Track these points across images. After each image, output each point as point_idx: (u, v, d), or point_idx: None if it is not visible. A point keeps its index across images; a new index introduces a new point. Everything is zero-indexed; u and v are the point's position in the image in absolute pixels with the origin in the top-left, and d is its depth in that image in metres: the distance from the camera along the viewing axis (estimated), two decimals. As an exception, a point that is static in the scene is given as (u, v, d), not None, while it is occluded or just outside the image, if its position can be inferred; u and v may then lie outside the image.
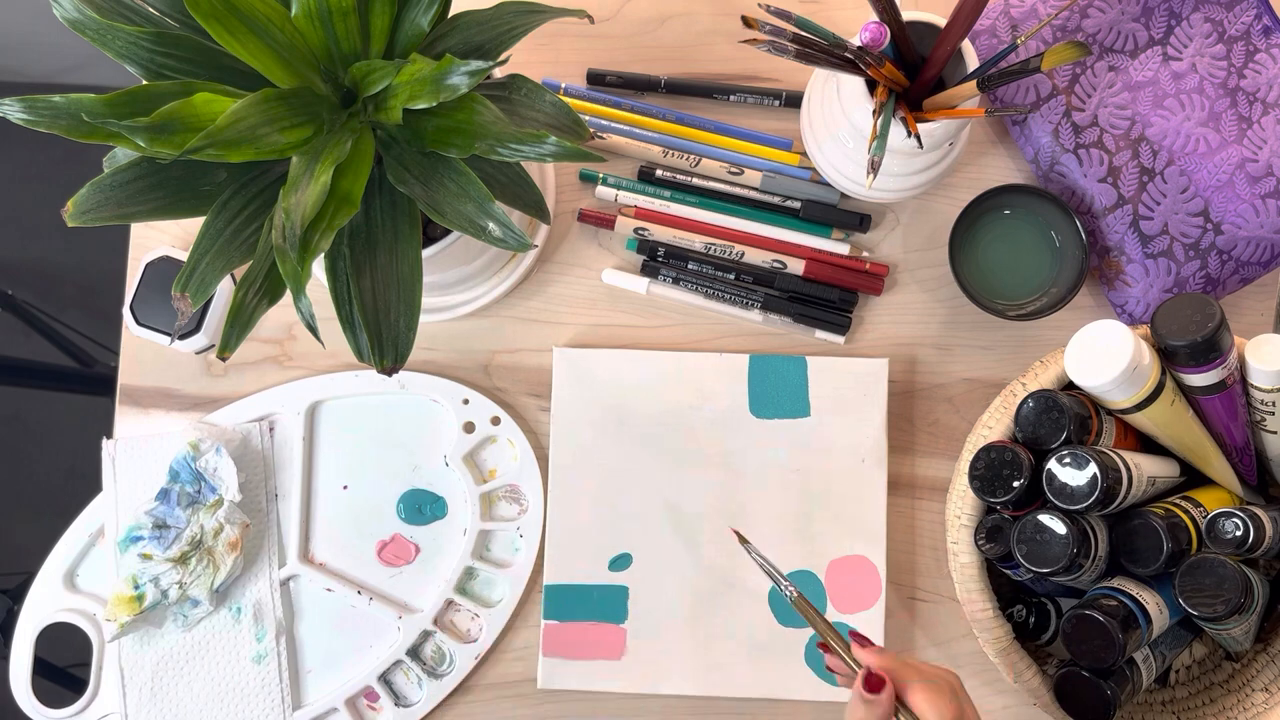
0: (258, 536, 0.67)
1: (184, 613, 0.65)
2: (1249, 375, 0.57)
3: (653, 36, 0.71)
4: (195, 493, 0.65)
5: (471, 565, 0.67)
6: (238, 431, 0.67)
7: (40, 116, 0.44)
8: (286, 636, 0.66)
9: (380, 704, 0.66)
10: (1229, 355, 0.55)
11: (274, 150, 0.44)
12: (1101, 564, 0.56)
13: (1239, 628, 0.57)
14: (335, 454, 0.68)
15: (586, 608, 0.66)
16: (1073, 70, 0.65)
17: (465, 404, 0.68)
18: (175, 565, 0.64)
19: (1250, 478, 0.62)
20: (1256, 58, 0.63)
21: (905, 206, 0.70)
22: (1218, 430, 0.59)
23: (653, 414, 0.67)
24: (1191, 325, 0.54)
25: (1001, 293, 0.67)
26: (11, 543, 1.46)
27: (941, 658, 0.67)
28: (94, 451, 0.67)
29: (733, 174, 0.69)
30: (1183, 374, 0.57)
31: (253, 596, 0.66)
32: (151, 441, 0.66)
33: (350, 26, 0.47)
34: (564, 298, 0.69)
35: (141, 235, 0.70)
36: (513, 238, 0.47)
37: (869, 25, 0.53)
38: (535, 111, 0.50)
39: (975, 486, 0.57)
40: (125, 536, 0.65)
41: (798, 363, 0.67)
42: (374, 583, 0.67)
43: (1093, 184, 0.65)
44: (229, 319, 0.46)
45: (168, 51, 0.46)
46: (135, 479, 0.66)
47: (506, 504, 0.68)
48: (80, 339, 1.41)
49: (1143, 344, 0.54)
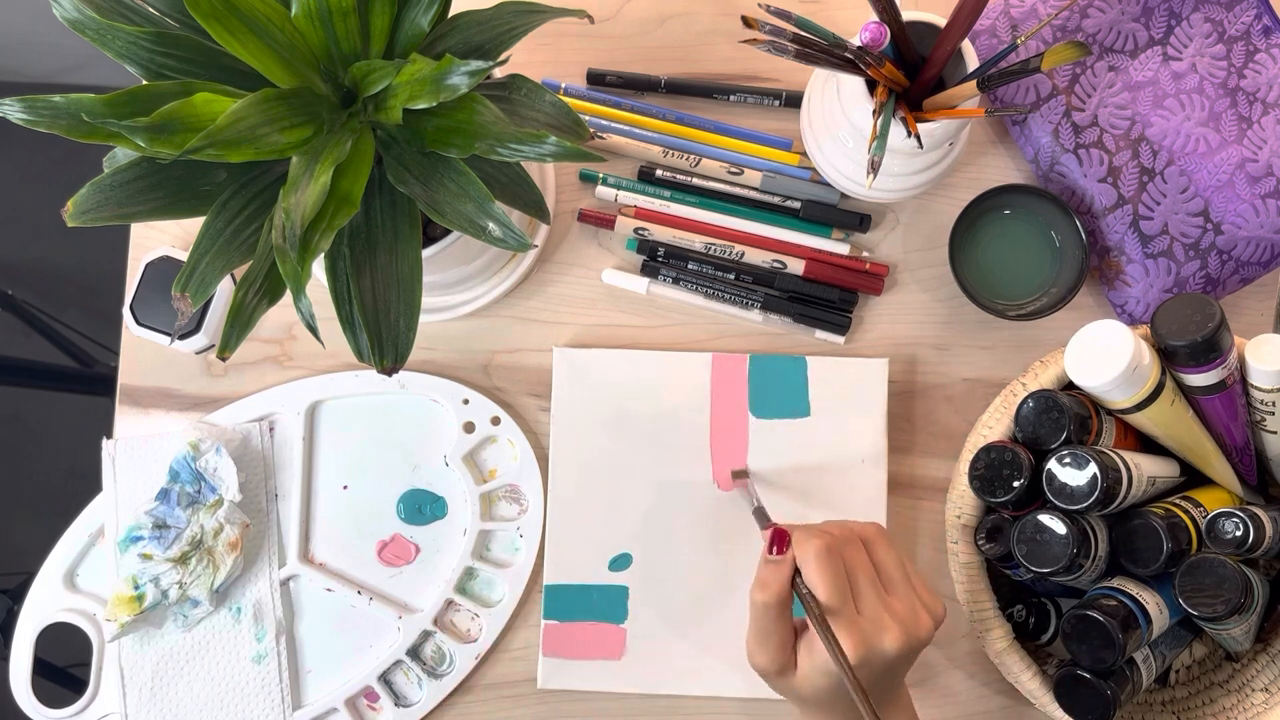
0: (258, 536, 0.67)
1: (184, 613, 0.65)
2: (1249, 375, 0.57)
3: (653, 36, 0.71)
4: (195, 493, 0.65)
5: (471, 565, 0.67)
6: (238, 431, 0.67)
7: (40, 116, 0.44)
8: (286, 636, 0.66)
9: (380, 704, 0.66)
10: (1229, 355, 0.55)
11: (274, 150, 0.44)
12: (1101, 564, 0.56)
13: (1239, 628, 0.57)
14: (335, 454, 0.68)
15: (586, 608, 0.66)
16: (1073, 70, 0.65)
17: (465, 404, 0.68)
18: (175, 565, 0.64)
19: (1250, 478, 0.62)
20: (1256, 58, 0.63)
21: (905, 206, 0.70)
22: (1218, 430, 0.59)
23: (653, 414, 0.67)
24: (1191, 325, 0.54)
25: (1001, 293, 0.67)
26: (11, 543, 1.46)
27: (941, 658, 0.67)
28: (94, 451, 0.67)
29: (733, 174, 0.69)
30: (1183, 374, 0.57)
31: (253, 596, 0.66)
32: (151, 441, 0.66)
33: (350, 26, 0.47)
34: (564, 298, 0.69)
35: (141, 235, 0.70)
36: (513, 238, 0.47)
37: (869, 25, 0.53)
38: (535, 111, 0.50)
39: (975, 486, 0.57)
40: (125, 536, 0.65)
41: (798, 363, 0.67)
42: (374, 583, 0.67)
43: (1093, 184, 0.65)
44: (229, 319, 0.46)
45: (168, 51, 0.46)
46: (135, 479, 0.66)
47: (506, 504, 0.68)
48: (80, 339, 1.41)
49: (1143, 344, 0.54)
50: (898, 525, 0.68)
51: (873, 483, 0.66)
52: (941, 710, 0.67)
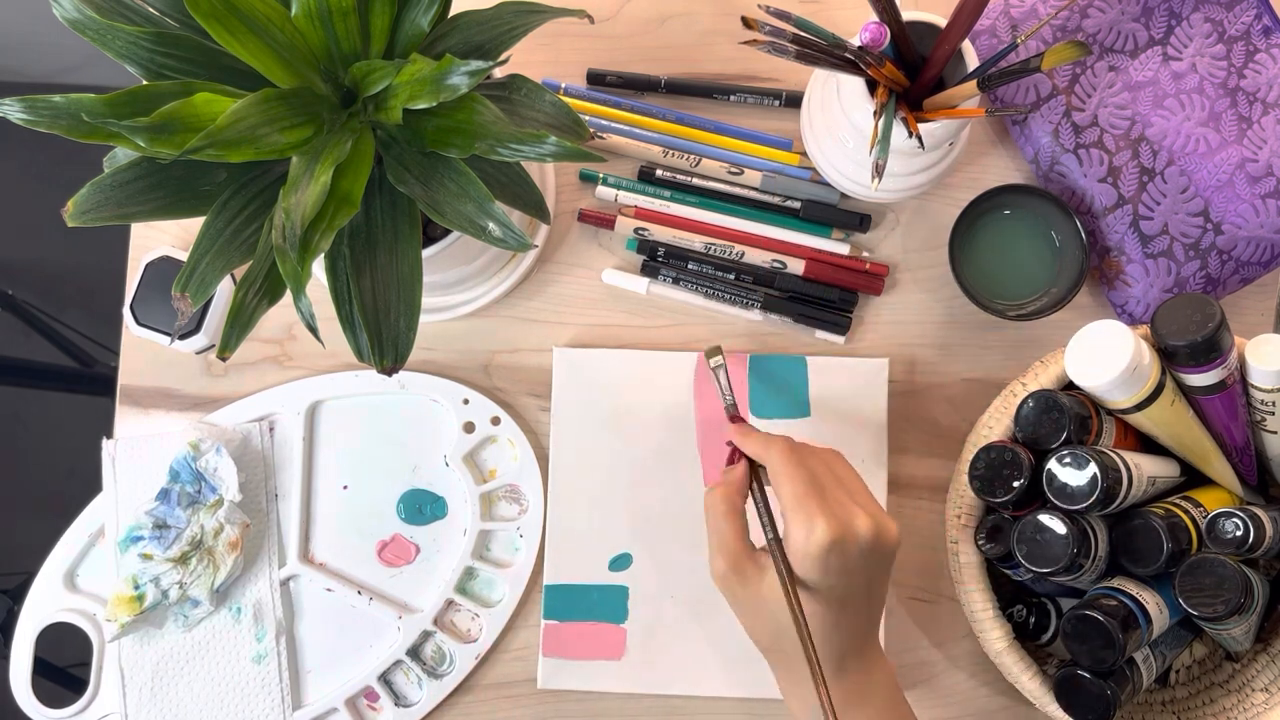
0: (258, 536, 0.67)
1: (184, 613, 0.65)
2: (1249, 375, 0.57)
3: (653, 36, 0.71)
4: (195, 493, 0.65)
5: (471, 565, 0.67)
6: (238, 432, 0.67)
7: (40, 116, 0.44)
8: (286, 637, 0.66)
9: (380, 704, 0.66)
10: (1229, 355, 0.55)
11: (274, 150, 0.44)
12: (1101, 564, 0.56)
13: (1239, 628, 0.57)
14: (335, 454, 0.68)
15: (586, 608, 0.66)
16: (1073, 70, 0.65)
17: (465, 404, 0.68)
18: (175, 565, 0.64)
19: (1250, 478, 0.62)
20: (1256, 58, 0.63)
21: (905, 206, 0.70)
22: (1217, 430, 0.59)
23: (653, 414, 0.67)
24: (1191, 325, 0.54)
25: (1001, 293, 0.67)
26: (11, 543, 1.46)
27: (941, 658, 0.67)
28: (94, 451, 0.67)
29: (733, 174, 0.69)
30: (1183, 374, 0.57)
31: (253, 597, 0.66)
32: (151, 441, 0.66)
33: (350, 26, 0.47)
34: (564, 298, 0.69)
35: (141, 235, 0.70)
36: (513, 238, 0.47)
37: (869, 25, 0.53)
38: (535, 111, 0.50)
39: (975, 486, 0.57)
40: (125, 536, 0.65)
41: (798, 362, 0.67)
42: (374, 583, 0.67)
43: (1093, 184, 0.65)
44: (229, 319, 0.46)
45: (168, 51, 0.46)
46: (135, 479, 0.66)
47: (506, 504, 0.68)
48: (80, 339, 1.41)
49: (1143, 344, 0.54)
50: (897, 525, 0.68)
51: (873, 483, 0.66)
52: (941, 710, 0.67)
